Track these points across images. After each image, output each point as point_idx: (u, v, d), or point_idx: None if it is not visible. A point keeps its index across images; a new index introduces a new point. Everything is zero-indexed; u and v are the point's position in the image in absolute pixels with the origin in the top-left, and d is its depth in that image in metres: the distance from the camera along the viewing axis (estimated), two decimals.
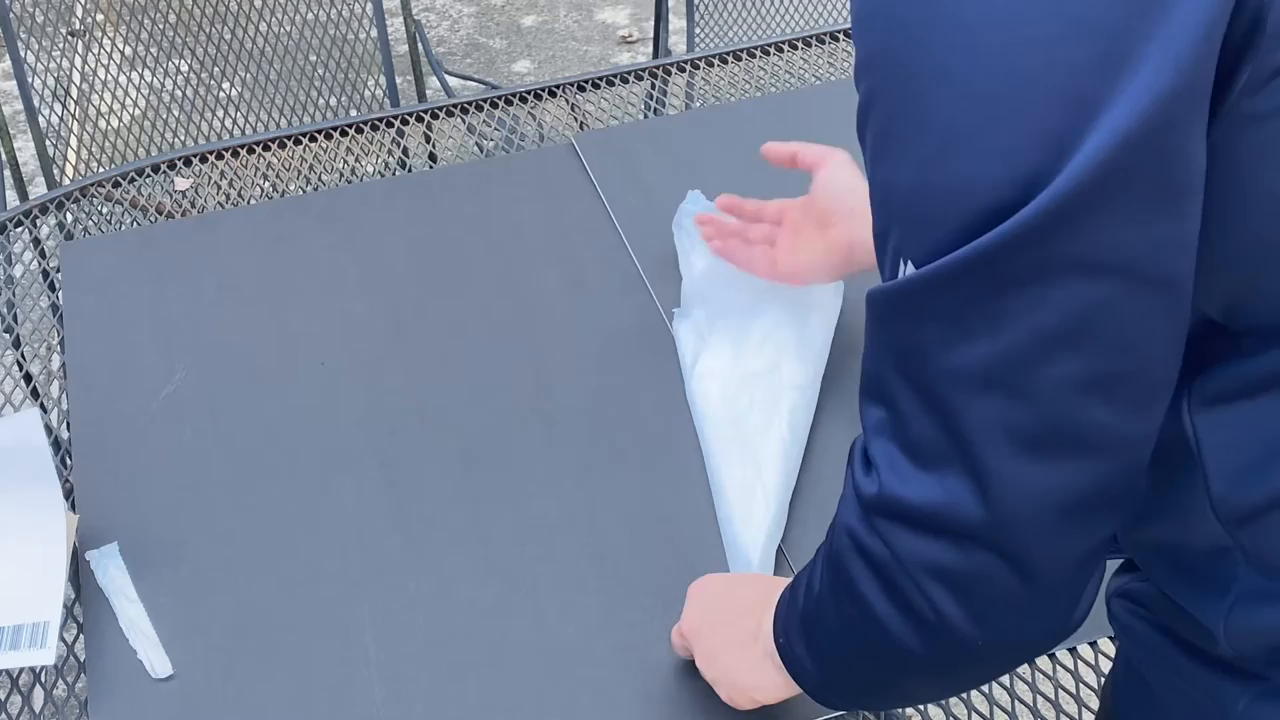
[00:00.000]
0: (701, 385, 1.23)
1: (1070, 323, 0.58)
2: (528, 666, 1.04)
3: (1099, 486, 0.63)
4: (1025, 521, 0.63)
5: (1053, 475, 0.62)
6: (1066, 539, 0.64)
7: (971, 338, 0.60)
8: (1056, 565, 0.65)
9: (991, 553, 0.64)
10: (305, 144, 1.64)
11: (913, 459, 0.64)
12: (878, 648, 0.72)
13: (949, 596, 0.66)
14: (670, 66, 1.77)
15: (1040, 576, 0.65)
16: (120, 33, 2.17)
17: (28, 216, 1.53)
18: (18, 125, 2.26)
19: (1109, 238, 0.57)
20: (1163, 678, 0.80)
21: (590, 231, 1.44)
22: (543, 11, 3.70)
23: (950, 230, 0.59)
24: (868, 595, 0.70)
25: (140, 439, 1.22)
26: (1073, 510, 0.63)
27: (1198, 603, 0.74)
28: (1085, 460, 0.62)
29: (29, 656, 1.04)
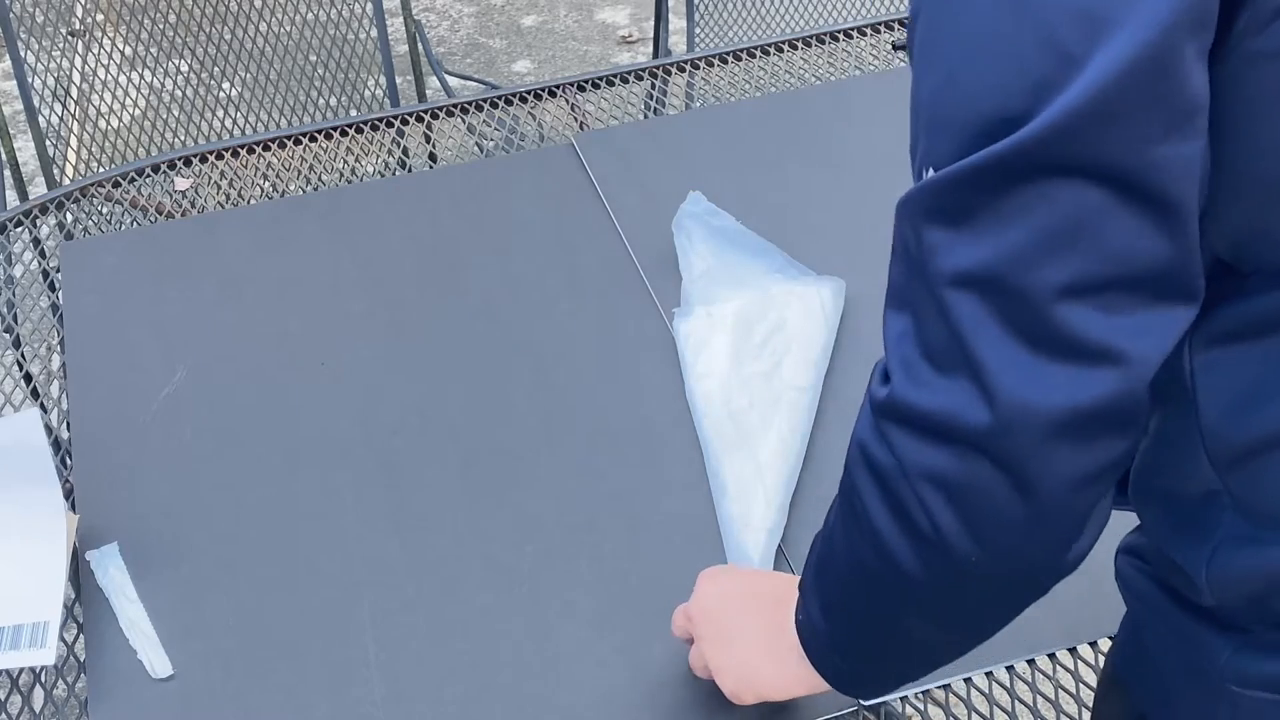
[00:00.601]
0: (702, 385, 1.23)
1: (1068, 225, 0.60)
2: (528, 666, 1.04)
3: (1097, 400, 0.63)
4: (1024, 427, 0.63)
5: (1052, 383, 0.62)
6: (1064, 454, 0.64)
7: (976, 237, 0.62)
8: (1054, 483, 0.65)
9: (991, 463, 0.65)
10: (305, 144, 1.64)
11: (929, 363, 0.65)
12: (878, 574, 0.73)
13: (946, 507, 0.67)
14: (670, 66, 1.77)
15: (1037, 493, 0.65)
16: (120, 33, 2.17)
17: (28, 216, 1.53)
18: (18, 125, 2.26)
19: (1111, 152, 0.59)
20: (1156, 631, 0.81)
21: (590, 231, 1.44)
22: (543, 11, 3.70)
23: (967, 135, 0.61)
24: (870, 508, 0.71)
25: (140, 439, 1.22)
26: (1071, 424, 0.63)
27: (1184, 549, 0.75)
28: (1083, 370, 0.62)
29: (29, 656, 1.04)
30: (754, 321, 1.26)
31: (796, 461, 1.16)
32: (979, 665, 1.05)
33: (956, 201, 0.62)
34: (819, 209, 1.47)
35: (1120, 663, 0.88)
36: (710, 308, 1.29)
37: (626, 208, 1.47)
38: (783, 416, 1.18)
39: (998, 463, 0.65)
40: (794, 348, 1.24)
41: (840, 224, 1.45)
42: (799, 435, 1.18)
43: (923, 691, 1.03)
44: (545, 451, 1.20)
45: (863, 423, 0.72)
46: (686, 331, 1.28)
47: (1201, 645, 0.76)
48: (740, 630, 0.93)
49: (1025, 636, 1.06)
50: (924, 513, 0.68)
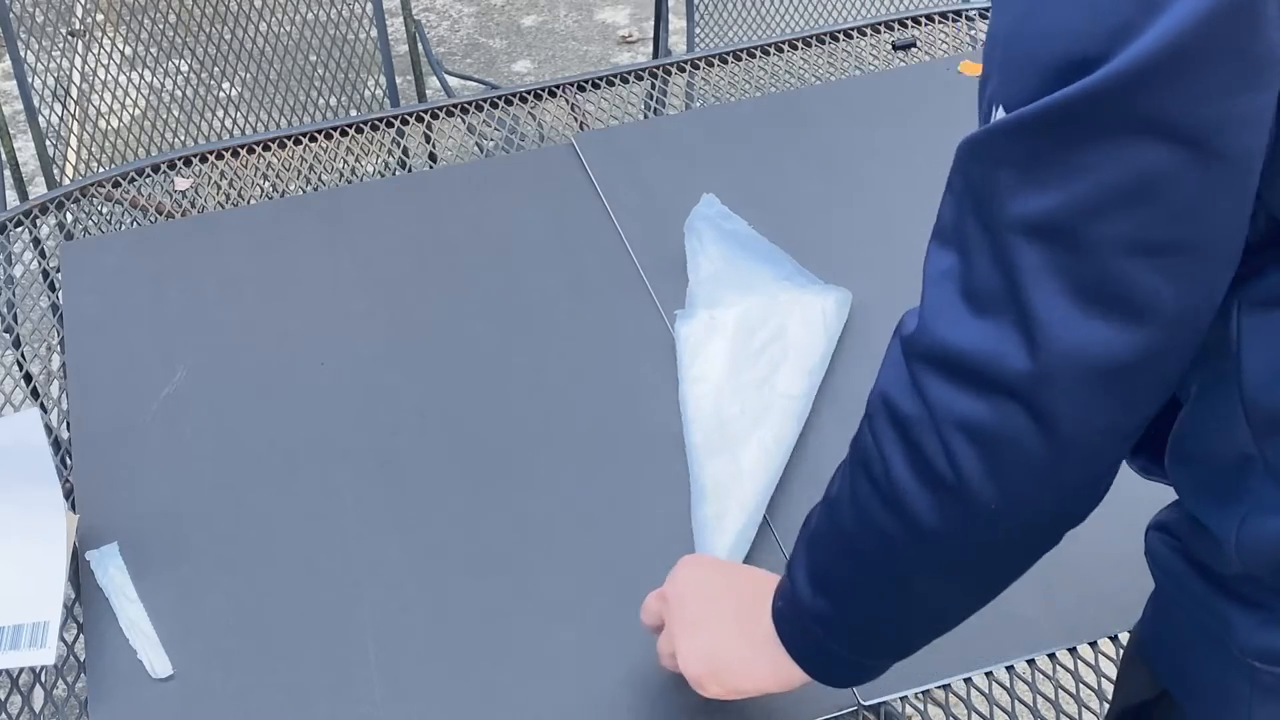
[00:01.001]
0: (694, 389, 1.23)
1: (1134, 183, 0.60)
2: (527, 666, 1.04)
3: (1140, 355, 0.64)
4: (1064, 377, 0.64)
5: (1099, 334, 0.63)
6: (1099, 405, 0.65)
7: (1041, 186, 0.62)
8: (1083, 432, 0.66)
9: (1023, 410, 0.65)
10: (305, 144, 1.64)
11: (970, 303, 0.65)
12: (888, 531, 0.73)
13: (971, 452, 0.67)
14: (670, 66, 1.77)
15: (1065, 441, 0.65)
16: (120, 33, 2.17)
17: (28, 216, 1.53)
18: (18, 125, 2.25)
19: (1184, 104, 0.58)
20: (1181, 606, 0.82)
21: (590, 231, 1.44)
22: (543, 11, 3.70)
23: (1037, 78, 0.61)
24: (889, 459, 0.70)
25: (140, 439, 1.22)
26: (1111, 375, 0.64)
27: (1215, 513, 0.75)
28: (1131, 324, 0.63)
29: (29, 656, 1.04)
30: (755, 328, 1.26)
31: (778, 470, 1.16)
32: (979, 665, 1.05)
33: (1024, 146, 0.62)
34: (819, 209, 1.47)
35: (1145, 638, 0.89)
36: (713, 311, 1.29)
37: (626, 208, 1.47)
38: (770, 424, 1.18)
39: (1032, 410, 0.65)
40: (791, 355, 1.24)
41: (840, 224, 1.45)
42: (783, 444, 1.17)
43: (923, 692, 1.03)
44: (545, 451, 1.20)
45: (889, 374, 0.72)
46: (686, 334, 1.28)
47: (1224, 620, 0.77)
48: (714, 615, 0.92)
49: (1025, 636, 1.06)
50: (948, 461, 0.68)
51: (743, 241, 1.36)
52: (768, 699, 1.01)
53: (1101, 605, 1.08)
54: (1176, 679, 0.85)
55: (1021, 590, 1.09)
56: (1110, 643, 1.07)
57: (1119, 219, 0.61)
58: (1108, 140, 0.60)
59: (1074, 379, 0.64)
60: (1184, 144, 0.59)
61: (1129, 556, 1.10)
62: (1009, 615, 1.07)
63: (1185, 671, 0.83)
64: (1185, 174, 0.60)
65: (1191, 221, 0.61)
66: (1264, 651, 0.75)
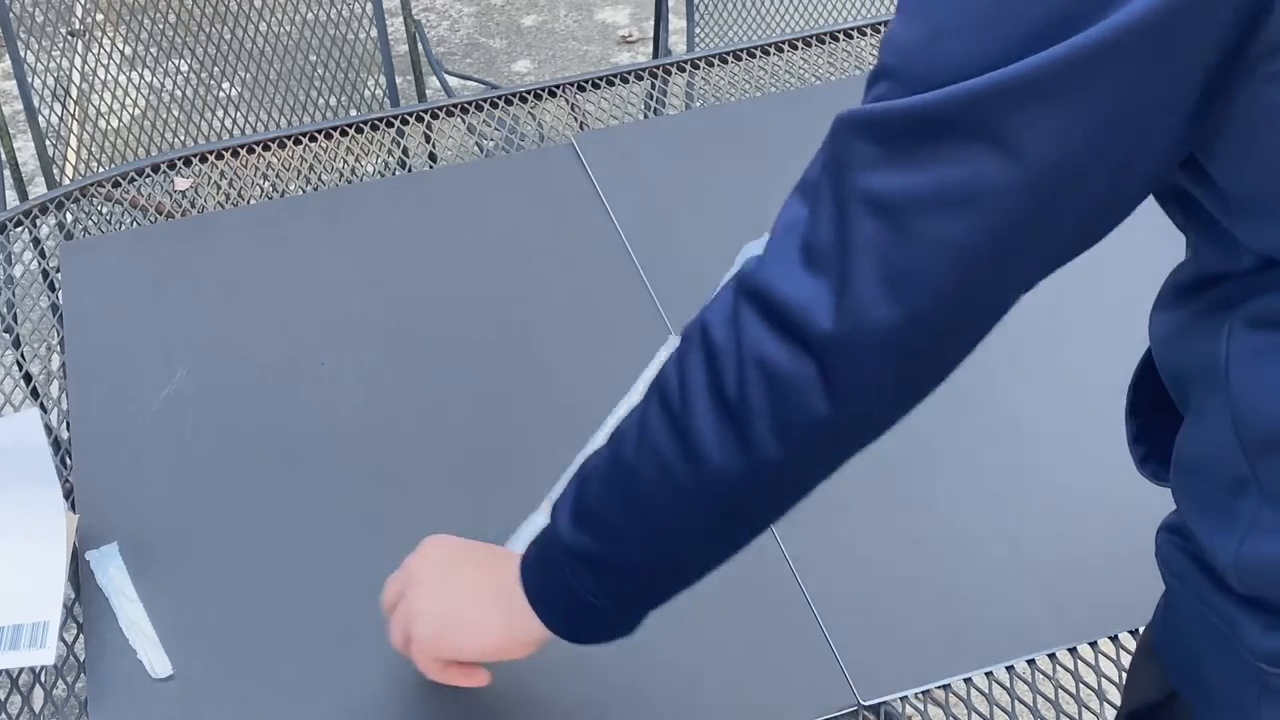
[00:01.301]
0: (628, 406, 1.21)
1: (966, 192, 0.64)
2: (527, 666, 1.04)
3: (928, 344, 0.69)
4: (857, 348, 0.68)
5: (898, 318, 0.67)
6: (884, 380, 0.70)
7: (891, 169, 0.65)
8: (863, 400, 0.71)
9: (815, 366, 0.69)
10: (305, 144, 1.64)
11: (804, 257, 0.69)
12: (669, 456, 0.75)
13: (762, 389, 0.71)
14: (670, 66, 1.77)
15: (844, 403, 0.70)
16: (120, 33, 2.17)
17: (28, 216, 1.53)
18: (18, 125, 2.25)
19: (1041, 131, 0.62)
20: (1190, 608, 0.82)
21: (590, 231, 1.44)
22: (543, 11, 3.70)
23: (927, 86, 0.64)
24: (689, 382, 0.74)
25: (140, 439, 1.22)
26: (901, 357, 0.69)
27: (1213, 536, 0.76)
28: (927, 314, 0.67)
29: (29, 656, 1.04)
30: None
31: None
32: (979, 665, 1.05)
33: (889, 129, 0.66)
34: None
35: (1155, 638, 0.89)
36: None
37: (626, 208, 1.47)
38: None
39: (822, 368, 0.69)
40: None
41: None
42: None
43: (923, 692, 1.03)
44: (544, 451, 1.20)
45: (715, 306, 0.75)
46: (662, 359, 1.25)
47: (1232, 624, 0.77)
48: (451, 576, 0.92)
49: (1025, 636, 1.07)
50: (739, 390, 0.72)
51: None
52: (766, 698, 1.02)
53: (1101, 605, 1.08)
54: (1186, 680, 0.85)
55: (1021, 590, 1.09)
56: (1110, 643, 1.07)
57: (944, 219, 0.64)
58: (955, 143, 0.63)
59: (865, 351, 0.68)
60: (1023, 165, 0.63)
61: (1130, 557, 1.11)
62: (1009, 615, 1.08)
63: (1194, 673, 0.83)
64: (1012, 196, 0.64)
65: (1004, 240, 0.65)
66: (1272, 655, 0.75)
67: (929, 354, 0.70)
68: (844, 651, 1.05)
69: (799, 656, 1.05)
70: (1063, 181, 0.64)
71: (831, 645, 1.05)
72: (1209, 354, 0.73)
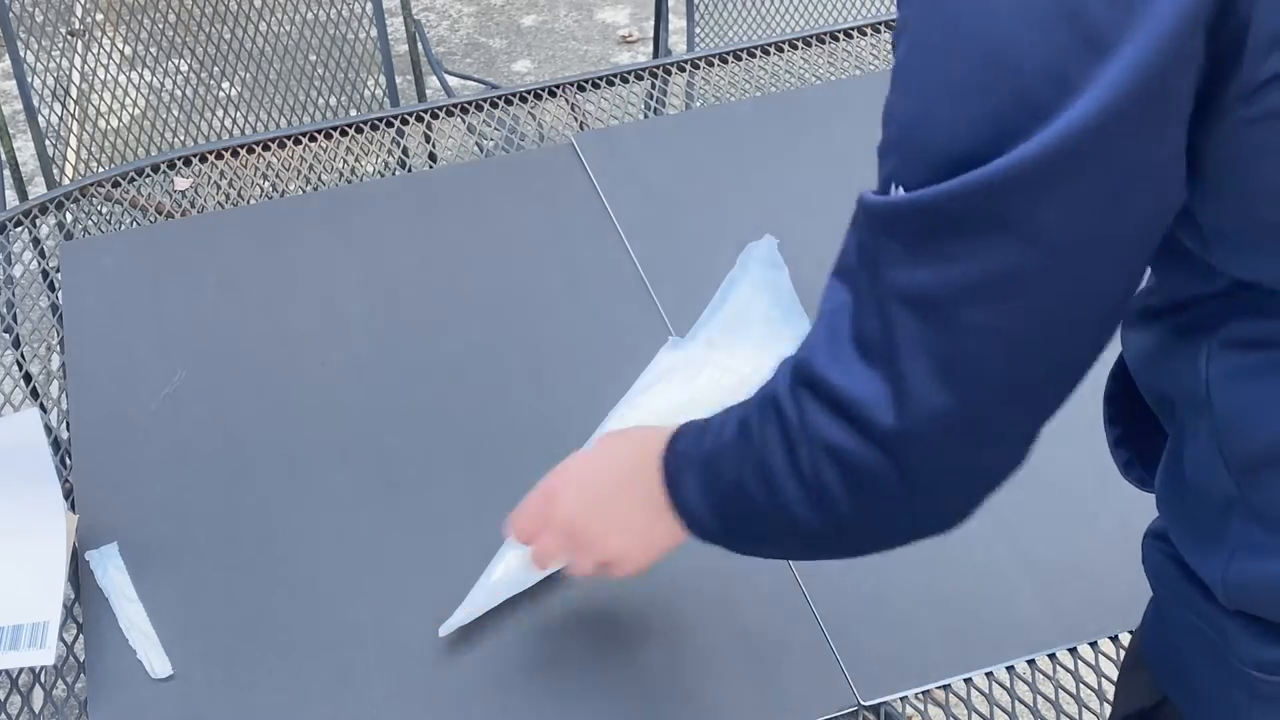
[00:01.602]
0: (625, 412, 1.20)
1: (997, 281, 0.65)
2: (528, 666, 1.04)
3: (989, 430, 0.70)
4: (924, 439, 0.69)
5: (957, 407, 0.68)
6: (958, 463, 0.71)
7: (919, 265, 0.66)
8: (941, 482, 0.72)
9: (886, 457, 0.70)
10: (305, 144, 1.64)
11: (856, 347, 0.70)
12: (762, 503, 0.78)
13: (839, 479, 0.73)
14: (670, 66, 1.77)
15: (924, 488, 0.71)
16: (120, 33, 2.17)
17: (28, 216, 1.53)
18: (18, 125, 2.25)
19: (1052, 213, 0.62)
20: (1178, 614, 0.82)
21: (590, 231, 1.44)
22: (543, 11, 3.70)
23: (931, 167, 0.65)
24: (768, 452, 0.76)
25: (140, 439, 1.22)
26: (969, 440, 0.70)
27: (1201, 557, 0.77)
28: (983, 399, 0.68)
29: (29, 656, 1.04)
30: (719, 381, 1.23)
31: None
32: (979, 665, 1.05)
33: (910, 226, 0.66)
34: (819, 209, 1.47)
35: (1145, 645, 0.89)
36: (706, 353, 1.24)
37: (626, 208, 1.47)
38: None
39: (894, 460, 0.70)
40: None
41: (840, 224, 1.44)
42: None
43: (923, 692, 1.03)
44: (544, 451, 1.20)
45: (782, 375, 0.77)
46: (667, 360, 1.25)
47: (1222, 631, 0.78)
48: (603, 488, 0.94)
49: (1025, 636, 1.07)
50: (816, 475, 0.73)
51: (777, 295, 1.31)
52: (766, 698, 1.02)
53: (1101, 605, 1.08)
54: (1176, 686, 0.85)
55: (1021, 590, 1.09)
56: (1110, 643, 1.07)
57: (981, 308, 0.65)
58: (978, 235, 0.64)
59: (931, 441, 0.69)
60: (1043, 249, 0.63)
61: (1129, 557, 1.10)
62: (1009, 615, 1.08)
63: (1184, 678, 0.84)
64: (1044, 277, 0.64)
65: (1047, 318, 0.66)
66: (1262, 662, 0.76)
67: (995, 435, 0.71)
68: (844, 651, 1.05)
69: (799, 656, 1.05)
70: (1087, 253, 0.64)
71: (831, 645, 1.05)
72: (1189, 377, 0.73)
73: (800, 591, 1.09)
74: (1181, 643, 0.83)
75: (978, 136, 0.62)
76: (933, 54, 0.65)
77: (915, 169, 0.66)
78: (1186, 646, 0.82)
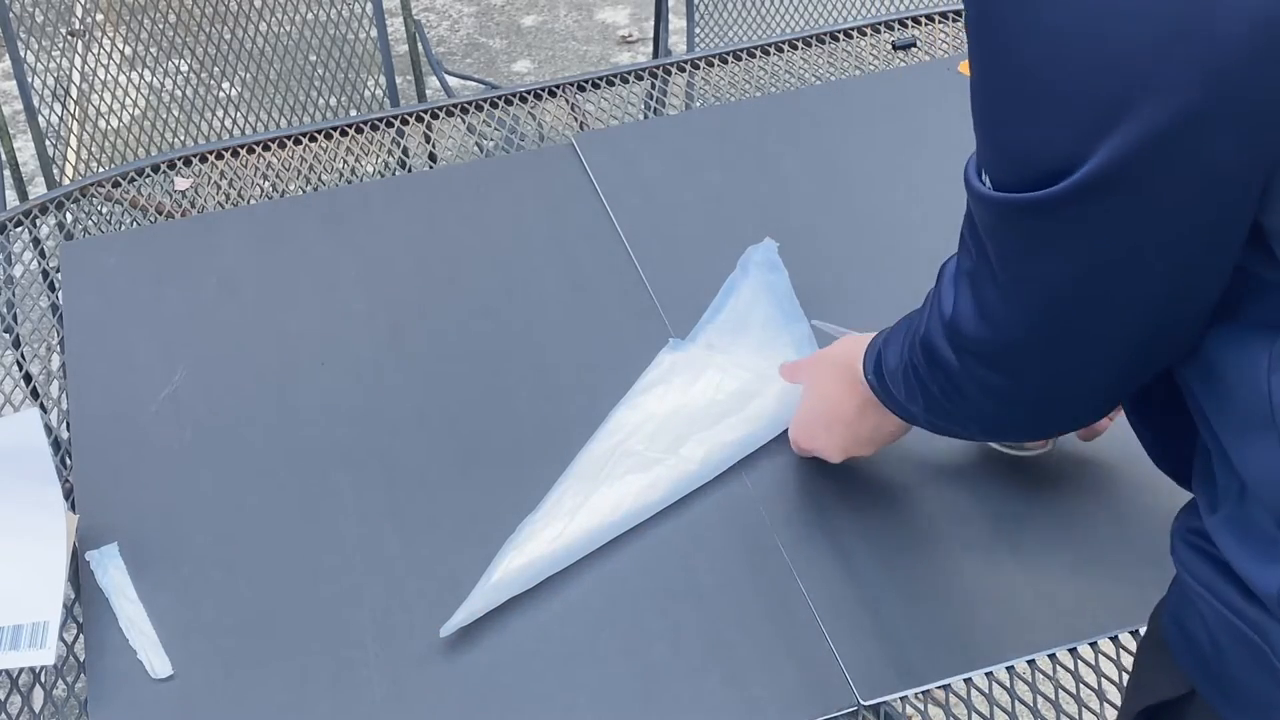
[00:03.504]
0: (626, 414, 1.21)
1: (1083, 270, 0.75)
2: (528, 666, 1.04)
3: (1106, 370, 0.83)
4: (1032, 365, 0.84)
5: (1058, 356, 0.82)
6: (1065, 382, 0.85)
7: (1034, 252, 0.77)
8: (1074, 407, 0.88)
9: (1031, 384, 0.85)
10: (305, 144, 1.64)
11: (981, 311, 0.83)
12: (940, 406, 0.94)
13: (996, 406, 0.88)
14: (670, 66, 1.77)
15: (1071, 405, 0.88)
16: (120, 33, 2.17)
17: (28, 216, 1.53)
18: (18, 125, 2.25)
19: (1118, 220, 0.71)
20: (1215, 612, 0.81)
21: (590, 231, 1.44)
22: (543, 11, 3.70)
23: (1016, 176, 0.73)
24: (934, 388, 0.92)
25: (140, 439, 1.22)
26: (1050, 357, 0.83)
27: (1255, 565, 0.76)
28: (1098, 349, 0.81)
29: (29, 656, 1.04)
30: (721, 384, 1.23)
31: (611, 531, 1.12)
32: (979, 665, 1.05)
33: (1012, 221, 0.76)
34: (819, 209, 1.47)
35: (1170, 637, 0.88)
36: (707, 355, 1.25)
37: (626, 208, 1.47)
38: (644, 484, 1.15)
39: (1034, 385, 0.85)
40: (720, 435, 1.19)
41: (840, 224, 1.45)
42: (637, 511, 1.14)
43: (923, 692, 1.03)
44: (544, 451, 1.20)
45: (935, 329, 0.89)
46: (668, 362, 1.25)
47: (1264, 633, 0.76)
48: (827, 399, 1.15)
49: (1025, 636, 1.07)
50: (976, 403, 0.89)
51: (777, 298, 1.30)
52: (766, 698, 1.02)
53: (1101, 605, 1.08)
54: (1208, 682, 0.83)
55: (1021, 590, 1.09)
56: (1110, 643, 1.07)
57: (1099, 284, 0.75)
58: (1063, 237, 0.73)
59: (1036, 368, 0.84)
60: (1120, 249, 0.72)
61: (1130, 557, 1.11)
62: (1009, 615, 1.08)
63: (1217, 675, 0.82)
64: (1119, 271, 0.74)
65: (1155, 283, 0.74)
66: None
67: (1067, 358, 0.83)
68: (844, 651, 1.05)
69: (799, 656, 1.05)
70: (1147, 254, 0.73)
71: (831, 645, 1.05)
72: (1250, 394, 0.74)
73: (800, 591, 1.09)
74: (1216, 640, 0.81)
75: (1057, 156, 0.70)
76: (1014, 72, 0.71)
77: (1003, 173, 0.74)
78: (1222, 644, 0.81)
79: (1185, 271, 0.74)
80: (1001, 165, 0.75)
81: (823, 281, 1.34)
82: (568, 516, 1.12)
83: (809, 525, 1.14)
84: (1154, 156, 0.66)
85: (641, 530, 1.14)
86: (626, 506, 1.13)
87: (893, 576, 1.10)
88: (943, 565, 1.11)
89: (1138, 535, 1.10)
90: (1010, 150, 0.74)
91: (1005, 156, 0.74)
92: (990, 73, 0.73)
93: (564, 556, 1.10)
